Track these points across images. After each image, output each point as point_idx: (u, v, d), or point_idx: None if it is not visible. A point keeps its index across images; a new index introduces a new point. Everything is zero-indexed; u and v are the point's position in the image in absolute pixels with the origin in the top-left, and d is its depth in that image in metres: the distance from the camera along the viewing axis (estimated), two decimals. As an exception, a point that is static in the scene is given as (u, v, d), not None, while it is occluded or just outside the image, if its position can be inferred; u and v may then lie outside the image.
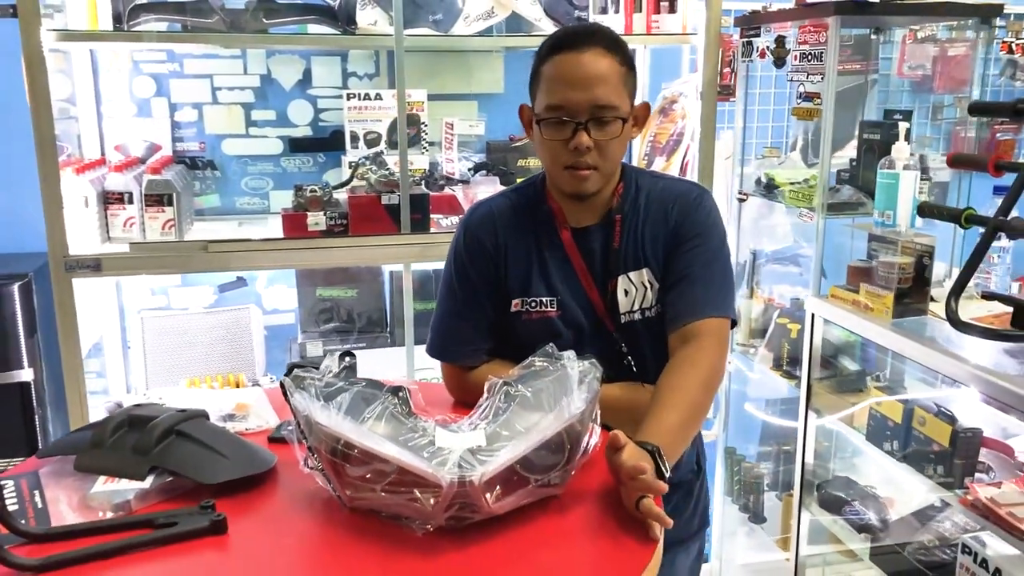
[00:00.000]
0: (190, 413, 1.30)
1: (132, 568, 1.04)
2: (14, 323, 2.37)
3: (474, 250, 1.50)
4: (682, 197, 1.47)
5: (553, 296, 1.47)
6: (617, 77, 1.37)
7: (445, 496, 1.04)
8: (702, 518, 1.66)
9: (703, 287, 1.41)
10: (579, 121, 1.35)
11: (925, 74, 3.12)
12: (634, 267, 1.45)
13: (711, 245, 1.45)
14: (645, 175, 1.53)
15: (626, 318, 1.46)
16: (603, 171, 1.41)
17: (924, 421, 1.80)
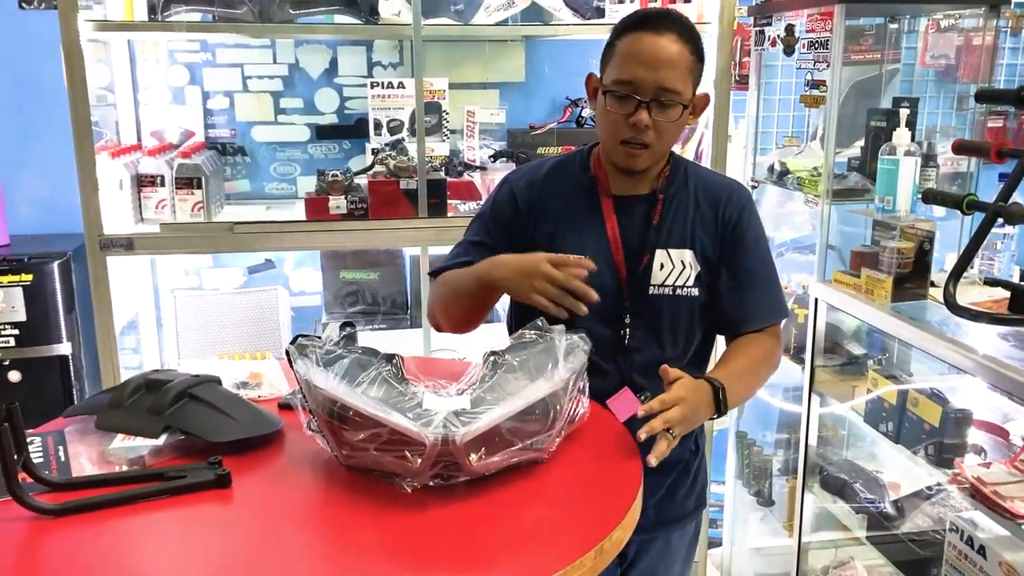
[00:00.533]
0: (203, 378, 1.40)
1: (141, 515, 1.13)
2: (54, 300, 2.50)
3: (503, 204, 1.59)
4: (735, 194, 1.56)
5: (581, 255, 1.47)
6: (686, 65, 1.43)
7: (429, 454, 1.11)
8: (699, 498, 1.70)
9: (765, 292, 1.54)
10: (643, 100, 1.42)
11: (949, 63, 3.10)
12: (677, 245, 1.51)
13: (763, 245, 1.56)
14: (691, 163, 1.61)
15: (655, 290, 1.51)
16: (655, 151, 1.47)
17: (917, 402, 1.83)
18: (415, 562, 1.04)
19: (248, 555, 1.06)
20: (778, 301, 1.57)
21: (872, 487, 2.15)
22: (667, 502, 1.62)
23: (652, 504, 1.56)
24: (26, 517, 1.10)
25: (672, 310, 1.52)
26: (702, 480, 1.71)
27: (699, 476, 1.69)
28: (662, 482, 1.60)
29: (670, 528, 1.65)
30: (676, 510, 1.64)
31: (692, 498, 1.67)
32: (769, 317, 1.54)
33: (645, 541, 1.62)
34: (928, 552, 1.92)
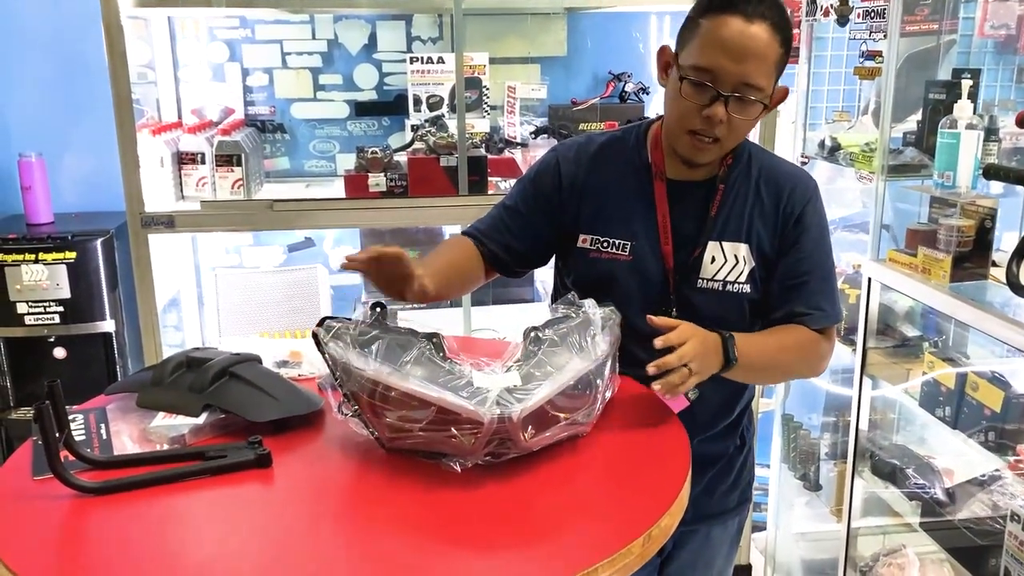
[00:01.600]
0: (243, 356, 1.38)
1: (182, 494, 1.12)
2: (97, 277, 2.52)
3: (546, 174, 1.50)
4: (800, 186, 1.44)
5: (629, 241, 1.43)
6: (774, 59, 1.30)
7: (486, 432, 1.10)
8: (743, 494, 1.63)
9: (822, 291, 1.42)
10: (722, 93, 1.29)
11: (1009, 34, 2.98)
12: (732, 238, 1.41)
13: (824, 243, 1.45)
14: (756, 147, 1.49)
15: (703, 283, 1.42)
16: (725, 146, 1.37)
17: (977, 387, 1.76)
18: (463, 541, 1.02)
19: (290, 536, 1.04)
20: (831, 304, 1.44)
21: (925, 472, 2.08)
22: (705, 496, 1.54)
23: (693, 498, 1.47)
24: (68, 495, 1.09)
25: (720, 306, 1.42)
26: (747, 477, 1.63)
27: (744, 472, 1.61)
28: (701, 476, 1.52)
29: (710, 523, 1.58)
30: (715, 505, 1.57)
31: (735, 494, 1.60)
32: (818, 320, 1.42)
33: (683, 533, 1.55)
34: (986, 541, 1.85)
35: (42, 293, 2.47)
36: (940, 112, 2.07)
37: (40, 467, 1.13)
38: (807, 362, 1.45)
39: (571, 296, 1.31)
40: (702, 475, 1.52)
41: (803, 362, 1.45)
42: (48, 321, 2.50)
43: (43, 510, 1.08)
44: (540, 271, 2.92)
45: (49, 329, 2.51)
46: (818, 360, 1.45)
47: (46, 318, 2.49)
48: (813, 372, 1.50)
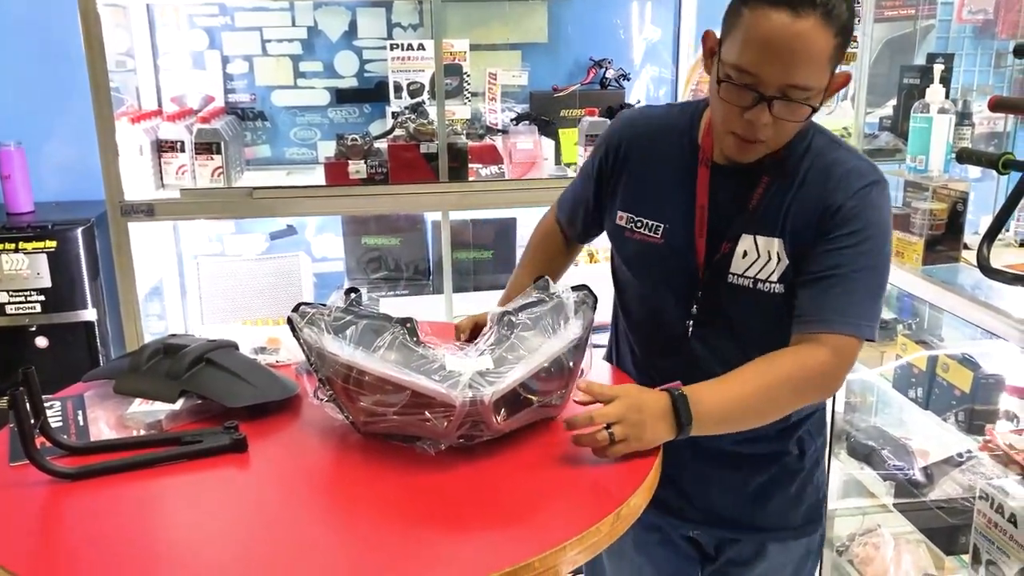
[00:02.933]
0: (220, 343, 1.39)
1: (158, 479, 1.13)
2: (78, 266, 2.51)
3: (605, 143, 1.44)
4: (850, 177, 1.26)
5: (662, 224, 1.35)
6: (825, 56, 1.15)
7: (458, 415, 1.12)
8: (810, 514, 1.46)
9: (845, 294, 1.22)
10: (765, 95, 1.16)
11: (987, 19, 3.00)
12: (766, 232, 1.28)
13: (869, 246, 1.23)
14: (823, 137, 1.31)
15: (733, 279, 1.30)
16: (773, 145, 1.24)
17: (947, 368, 1.79)
18: (437, 522, 1.04)
19: (265, 518, 1.05)
20: (855, 311, 1.22)
21: (900, 454, 2.11)
22: (756, 505, 1.43)
23: (733, 501, 1.43)
24: (44, 481, 1.10)
25: (748, 305, 1.30)
26: (813, 495, 1.46)
27: (808, 488, 1.45)
28: (745, 477, 1.42)
29: (763, 536, 1.45)
30: (771, 518, 1.44)
31: (797, 511, 1.45)
32: (833, 324, 1.21)
33: (728, 540, 1.47)
34: (957, 520, 1.88)
35: (23, 282, 2.46)
36: (915, 97, 2.10)
37: (16, 453, 1.14)
38: (806, 390, 1.24)
39: (544, 280, 1.33)
40: (746, 477, 1.42)
41: (798, 392, 1.24)
42: (29, 310, 2.49)
43: (19, 496, 1.09)
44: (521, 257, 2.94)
45: (30, 318, 2.50)
46: (822, 381, 1.24)
47: (27, 307, 2.49)
48: (822, 395, 1.32)
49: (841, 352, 1.21)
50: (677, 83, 2.99)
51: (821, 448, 1.47)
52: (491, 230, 2.89)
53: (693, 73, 2.82)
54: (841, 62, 1.21)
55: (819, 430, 1.47)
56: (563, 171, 2.62)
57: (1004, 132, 2.72)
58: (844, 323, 1.21)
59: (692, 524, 1.48)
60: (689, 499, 1.45)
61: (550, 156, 2.64)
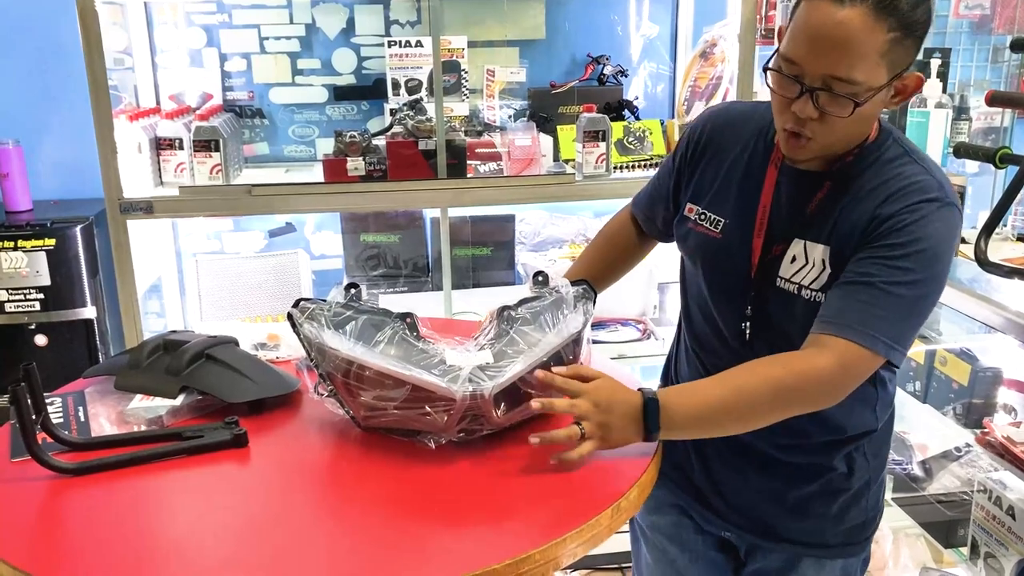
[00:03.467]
0: (220, 339, 1.40)
1: (159, 474, 1.14)
2: (77, 264, 2.51)
3: (687, 136, 1.41)
4: (912, 189, 1.17)
5: (722, 219, 1.32)
6: (875, 48, 1.09)
7: (458, 409, 1.13)
8: (851, 535, 1.38)
9: (870, 305, 1.14)
10: (807, 86, 1.13)
11: (984, 14, 3.01)
12: (815, 238, 1.23)
13: (912, 263, 1.14)
14: (899, 148, 1.23)
15: (781, 283, 1.26)
16: (825, 146, 1.19)
17: (945, 361, 1.80)
18: (437, 516, 1.04)
19: (267, 513, 1.06)
20: (878, 324, 1.13)
21: (899, 448, 2.12)
22: (793, 516, 1.37)
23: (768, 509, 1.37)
24: (46, 476, 1.11)
25: (790, 311, 1.25)
26: (857, 516, 1.37)
27: (852, 508, 1.36)
28: (783, 486, 1.36)
29: (796, 549, 1.38)
30: (807, 532, 1.37)
31: (837, 529, 1.37)
32: (846, 330, 1.14)
33: (759, 547, 1.41)
34: (956, 513, 1.89)
35: (21, 281, 2.46)
36: (912, 92, 2.09)
37: (18, 449, 1.14)
38: (796, 397, 1.17)
39: (542, 276, 1.33)
40: (784, 486, 1.36)
41: (786, 399, 1.17)
42: (28, 309, 2.49)
43: (21, 491, 1.09)
44: (520, 253, 2.95)
45: (30, 317, 2.50)
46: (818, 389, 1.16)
47: (26, 306, 2.49)
48: (818, 404, 1.20)
49: (847, 362, 1.14)
50: (675, 79, 2.99)
51: (876, 470, 1.38)
52: (490, 227, 2.90)
53: (691, 69, 2.83)
54: (908, 59, 1.14)
55: (877, 451, 1.37)
56: (561, 167, 2.62)
57: (1001, 127, 2.72)
58: (859, 332, 1.13)
59: (723, 522, 1.43)
60: (724, 496, 1.41)
61: (548, 153, 2.65)
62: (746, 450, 1.34)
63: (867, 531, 1.40)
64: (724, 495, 1.41)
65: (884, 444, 1.40)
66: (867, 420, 1.32)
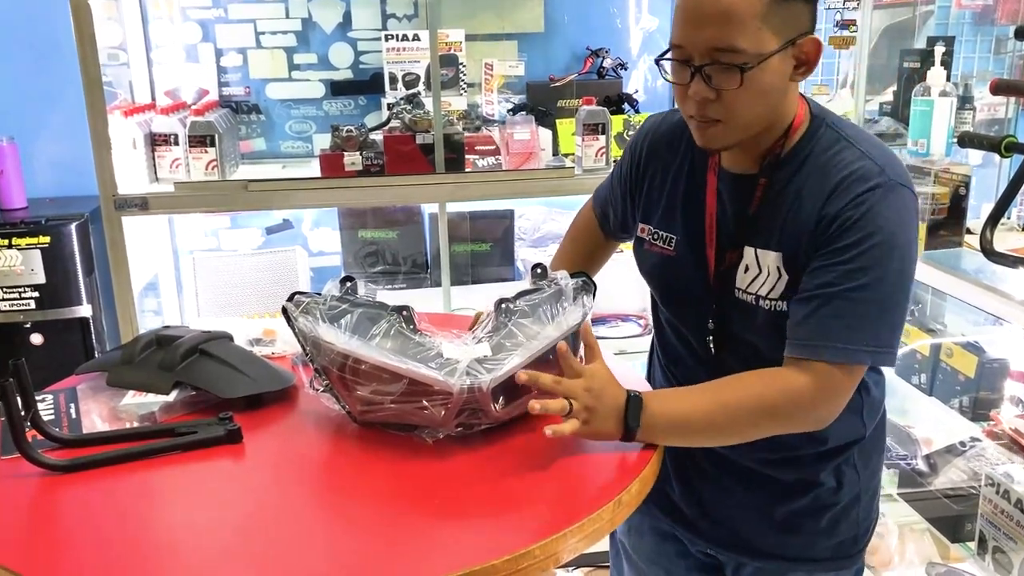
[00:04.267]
0: (214, 334, 1.37)
1: (152, 470, 1.11)
2: (73, 262, 2.50)
3: (629, 153, 1.39)
4: (852, 180, 1.12)
5: (673, 236, 1.29)
6: (752, 13, 1.07)
7: (455, 403, 1.10)
8: (842, 549, 1.34)
9: (835, 317, 1.11)
10: (694, 65, 1.11)
11: (987, 4, 2.99)
12: (764, 245, 1.19)
13: (869, 260, 1.10)
14: (834, 133, 1.18)
15: (739, 295, 1.22)
16: (733, 125, 1.14)
17: (951, 353, 1.77)
18: (436, 511, 1.02)
19: (262, 509, 1.04)
20: (848, 336, 1.11)
21: (904, 442, 2.10)
22: (783, 533, 1.33)
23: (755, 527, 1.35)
24: (36, 473, 1.09)
25: (752, 322, 1.21)
26: (848, 529, 1.33)
27: (843, 522, 1.33)
28: (772, 505, 1.33)
29: (788, 565, 1.35)
30: (798, 547, 1.34)
31: (827, 543, 1.34)
32: (819, 351, 1.11)
33: (745, 564, 1.37)
34: (963, 507, 1.87)
35: (16, 279, 2.44)
36: (915, 81, 2.08)
37: (7, 446, 1.12)
38: (775, 416, 1.14)
39: (541, 269, 1.30)
40: (771, 503, 1.33)
41: (764, 416, 1.15)
42: (23, 307, 2.47)
43: (11, 489, 1.07)
44: (519, 249, 2.92)
45: (25, 315, 2.48)
46: (795, 411, 1.14)
47: (21, 304, 2.47)
48: (799, 425, 1.17)
49: (825, 381, 1.11)
50: (675, 72, 2.97)
51: (867, 481, 1.34)
52: (489, 223, 2.88)
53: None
54: (802, 27, 1.12)
55: (866, 462, 1.33)
56: (561, 161, 2.60)
57: (1005, 118, 2.70)
58: (834, 351, 1.10)
59: (709, 542, 1.40)
60: (708, 515, 1.38)
61: (547, 146, 2.62)
62: (731, 467, 1.32)
63: (859, 544, 1.36)
64: (709, 514, 1.38)
65: (875, 453, 1.36)
66: (854, 428, 1.28)
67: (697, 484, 1.38)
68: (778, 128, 1.18)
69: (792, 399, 1.12)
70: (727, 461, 1.32)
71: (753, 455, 1.29)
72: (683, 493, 1.40)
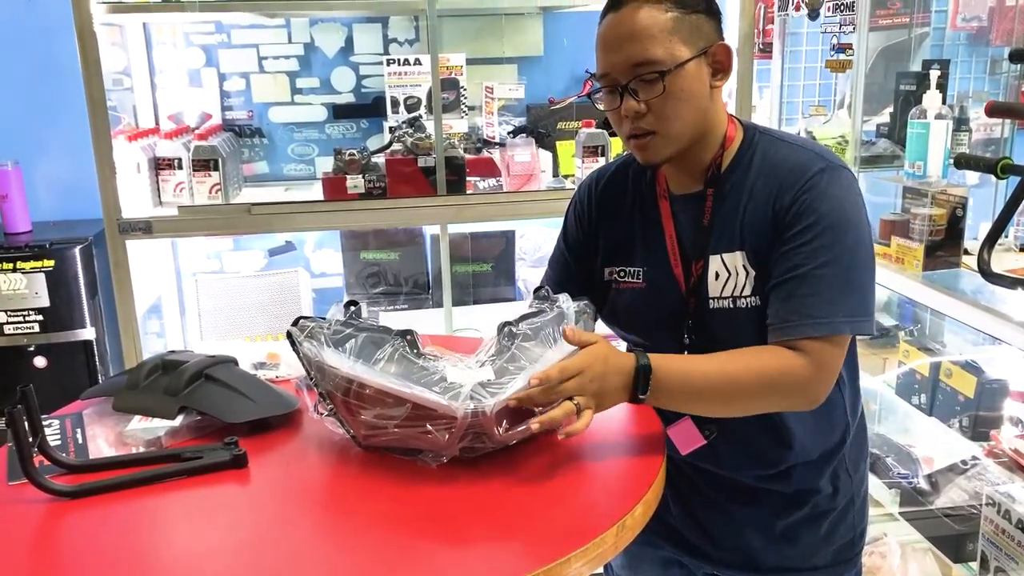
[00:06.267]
0: (219, 359, 1.38)
1: (158, 496, 1.12)
2: (76, 285, 2.51)
3: (573, 211, 1.46)
4: (797, 171, 1.23)
5: (640, 268, 1.36)
6: (660, 27, 1.20)
7: (460, 427, 1.11)
8: (840, 554, 1.39)
9: (812, 295, 1.18)
10: (621, 85, 1.22)
11: (981, 26, 3.01)
12: (728, 248, 1.27)
13: (828, 239, 1.19)
14: (769, 138, 1.31)
15: (715, 304, 1.28)
16: (666, 134, 1.24)
17: (951, 373, 1.78)
18: (439, 535, 1.02)
19: (267, 534, 1.04)
20: (823, 309, 1.18)
21: (905, 461, 2.10)
22: (784, 544, 1.37)
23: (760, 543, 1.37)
24: (43, 499, 1.09)
25: (733, 325, 1.27)
26: (845, 534, 1.38)
27: (840, 528, 1.38)
28: (773, 519, 1.36)
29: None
30: (798, 558, 1.37)
31: (826, 550, 1.38)
32: (805, 329, 1.17)
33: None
34: (964, 527, 1.87)
35: (20, 302, 2.45)
36: (911, 103, 2.10)
37: (15, 472, 1.13)
38: (773, 390, 1.20)
39: (545, 291, 1.32)
40: (772, 517, 1.36)
41: (769, 391, 1.20)
42: (27, 330, 2.48)
43: (18, 515, 1.08)
44: (520, 269, 2.94)
45: (28, 338, 2.49)
46: (793, 386, 1.19)
47: (25, 327, 2.48)
48: (798, 402, 1.22)
49: (818, 357, 1.18)
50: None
51: (858, 485, 1.40)
52: (490, 243, 2.89)
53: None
54: (705, 36, 1.23)
55: (856, 464, 1.39)
56: (561, 183, 2.62)
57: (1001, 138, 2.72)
58: (815, 325, 1.17)
59: (716, 565, 1.41)
60: (713, 540, 1.40)
61: (548, 168, 2.65)
62: (731, 486, 1.35)
63: (856, 547, 1.41)
64: (713, 536, 1.40)
65: (861, 457, 1.42)
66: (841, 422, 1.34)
67: (697, 506, 1.39)
68: (712, 141, 1.29)
69: (793, 377, 1.18)
70: (727, 481, 1.34)
71: (752, 472, 1.32)
72: (683, 515, 1.41)
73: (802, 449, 1.31)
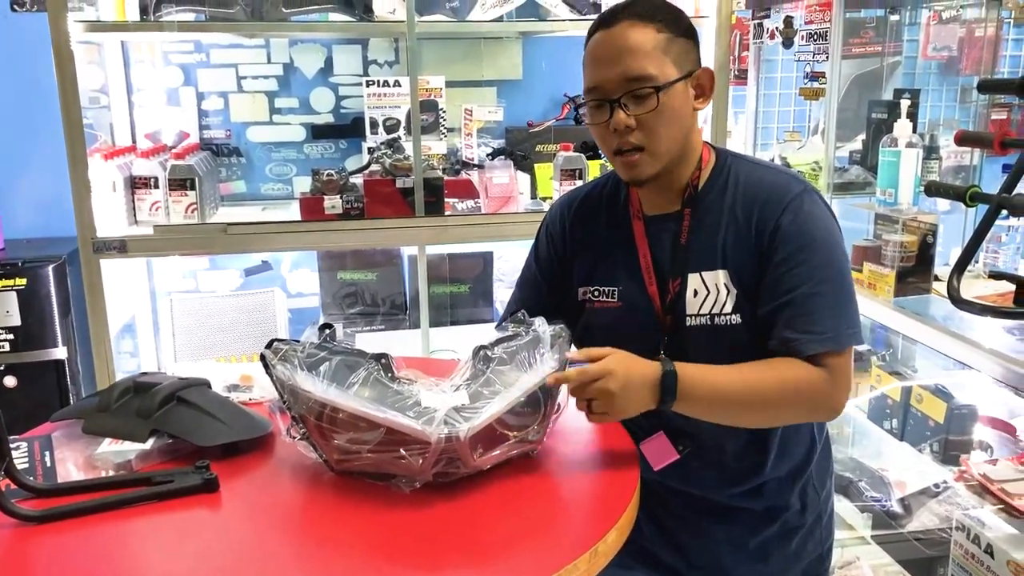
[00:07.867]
0: (191, 381, 1.37)
1: (128, 520, 1.11)
2: (49, 303, 2.49)
3: (545, 233, 1.48)
4: (775, 194, 1.28)
5: (615, 287, 1.37)
6: (653, 45, 1.24)
7: (433, 452, 1.10)
8: (811, 569, 1.43)
9: (812, 313, 1.22)
10: (612, 99, 1.25)
11: (951, 55, 3.07)
12: (709, 267, 1.29)
13: (818, 259, 1.24)
14: (743, 162, 1.35)
15: (692, 321, 1.30)
16: (654, 151, 1.27)
17: (921, 399, 1.80)
18: (412, 561, 1.02)
19: (238, 559, 1.03)
20: (832, 324, 1.22)
21: (877, 485, 2.12)
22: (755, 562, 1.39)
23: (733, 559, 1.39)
24: (8, 524, 1.08)
25: (712, 343, 1.29)
26: (814, 549, 1.42)
27: (808, 544, 1.41)
28: (746, 536, 1.39)
29: None
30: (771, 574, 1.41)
31: (797, 567, 1.42)
32: (808, 346, 1.21)
33: None
34: (935, 551, 1.89)
35: (-9, 320, 2.43)
36: (883, 131, 2.13)
37: (-20, 496, 1.11)
38: (797, 400, 1.23)
39: (521, 314, 1.32)
40: (745, 533, 1.39)
41: (789, 401, 1.23)
42: (-2, 349, 2.46)
43: (-18, 540, 1.06)
44: (498, 290, 2.94)
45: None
46: (815, 397, 1.23)
47: (-4, 346, 2.45)
48: (815, 413, 1.29)
49: (834, 371, 1.22)
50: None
51: (824, 502, 1.43)
52: (468, 264, 2.90)
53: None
54: (691, 57, 1.28)
55: (823, 481, 1.42)
56: (539, 205, 2.63)
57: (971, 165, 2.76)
58: (823, 340, 1.22)
59: None
60: (687, 557, 1.41)
61: (526, 190, 2.66)
62: (706, 506, 1.36)
63: (825, 563, 1.45)
64: (686, 554, 1.41)
65: (827, 474, 1.45)
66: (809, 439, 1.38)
67: (672, 528, 1.40)
68: (690, 161, 1.33)
69: (811, 386, 1.22)
70: (698, 500, 1.35)
71: (726, 491, 1.35)
72: (657, 536, 1.42)
73: (773, 466, 1.35)
